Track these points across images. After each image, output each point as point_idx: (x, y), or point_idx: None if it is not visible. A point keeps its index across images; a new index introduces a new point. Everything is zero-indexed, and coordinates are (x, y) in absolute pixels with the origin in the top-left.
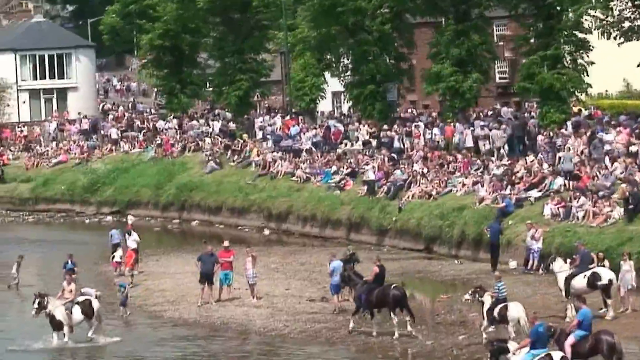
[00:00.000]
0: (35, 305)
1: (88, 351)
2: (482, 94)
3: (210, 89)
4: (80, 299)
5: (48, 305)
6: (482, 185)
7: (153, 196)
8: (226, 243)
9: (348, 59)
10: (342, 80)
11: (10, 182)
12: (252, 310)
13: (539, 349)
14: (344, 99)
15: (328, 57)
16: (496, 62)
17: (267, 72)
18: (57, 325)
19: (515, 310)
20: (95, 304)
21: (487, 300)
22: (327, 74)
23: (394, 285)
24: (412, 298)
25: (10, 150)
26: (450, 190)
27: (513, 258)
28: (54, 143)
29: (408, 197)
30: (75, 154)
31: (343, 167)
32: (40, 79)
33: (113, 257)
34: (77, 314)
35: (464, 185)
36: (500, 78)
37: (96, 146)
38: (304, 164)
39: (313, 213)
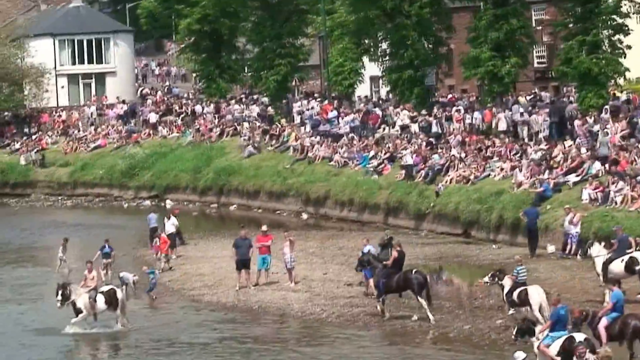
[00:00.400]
0: (59, 297)
1: (126, 335)
2: (520, 79)
3: (249, 73)
4: (105, 288)
5: (71, 294)
6: (520, 170)
7: (191, 180)
8: (264, 227)
9: (386, 44)
10: (380, 65)
11: (49, 167)
12: (290, 295)
13: (558, 332)
14: (382, 84)
15: (366, 41)
16: (534, 46)
17: (305, 56)
18: (77, 313)
19: (537, 294)
20: (120, 294)
21: (507, 283)
22: (365, 59)
23: (415, 270)
24: (450, 282)
25: (49, 135)
26: (488, 175)
27: (551, 242)
28: (93, 128)
29: (446, 182)
30: (113, 138)
31: (381, 152)
32: (78, 63)
33: (155, 242)
34: (101, 303)
35: (502, 169)
36: (538, 62)
37: (134, 131)
38: (341, 148)
39: (351, 197)
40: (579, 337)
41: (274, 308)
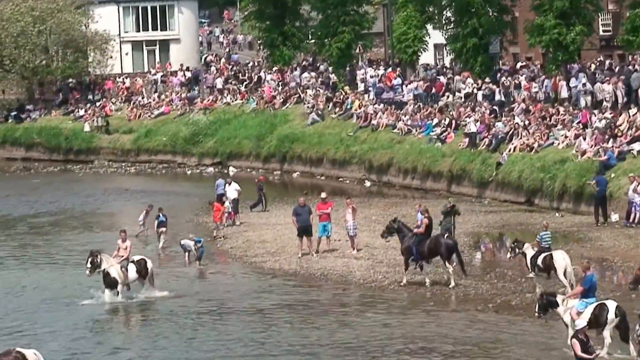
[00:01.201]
0: (88, 265)
1: (183, 302)
2: (585, 47)
3: (312, 41)
4: (136, 258)
5: (102, 263)
6: (584, 138)
7: (254, 148)
8: (323, 194)
9: (450, 11)
10: (445, 33)
11: (113, 133)
12: (352, 262)
13: (590, 298)
14: (446, 52)
15: (430, 9)
16: (599, 14)
17: (369, 24)
18: (110, 283)
19: (562, 258)
20: (150, 264)
21: (529, 250)
22: (429, 26)
23: (446, 235)
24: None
25: (112, 101)
26: (552, 143)
27: (615, 211)
28: (156, 95)
29: (509, 150)
30: (176, 105)
31: (444, 120)
32: (142, 30)
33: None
34: (132, 272)
35: (565, 137)
36: (603, 30)
37: (195, 97)
38: (405, 116)
39: (414, 165)
40: (611, 304)
41: (336, 275)
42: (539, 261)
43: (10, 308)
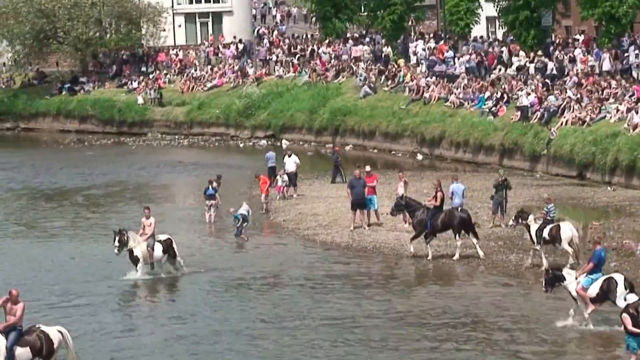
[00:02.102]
0: (116, 244)
1: (233, 274)
2: (637, 20)
3: (365, 13)
4: (162, 237)
5: (129, 241)
6: (637, 112)
7: (307, 120)
8: (367, 168)
9: None
10: (497, 6)
11: (166, 106)
12: (404, 235)
13: (596, 274)
14: (498, 25)
15: None
16: None
17: None
18: (134, 262)
19: (569, 229)
20: (175, 244)
21: (533, 223)
22: None
23: (460, 208)
24: None
25: (165, 74)
26: (604, 117)
27: None
28: (209, 67)
29: (561, 124)
30: (229, 78)
31: (496, 93)
32: (195, 2)
33: (276, 182)
34: (158, 251)
35: (617, 111)
36: None
37: (247, 65)
38: (457, 89)
39: (466, 138)
40: (619, 277)
41: (388, 248)
42: (545, 233)
43: (62, 279)
